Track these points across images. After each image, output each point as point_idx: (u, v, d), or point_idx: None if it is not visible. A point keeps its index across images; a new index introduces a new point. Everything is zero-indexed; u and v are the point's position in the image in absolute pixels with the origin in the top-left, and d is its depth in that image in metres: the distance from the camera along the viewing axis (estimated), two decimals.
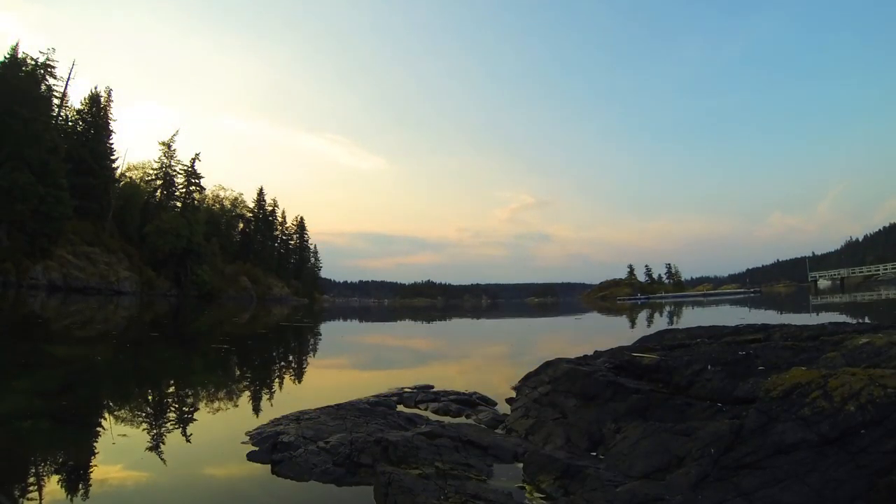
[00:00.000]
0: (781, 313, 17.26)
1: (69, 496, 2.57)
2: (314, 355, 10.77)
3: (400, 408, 4.63)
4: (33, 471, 2.89)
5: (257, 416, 4.24)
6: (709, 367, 3.66)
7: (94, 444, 3.46)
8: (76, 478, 2.84)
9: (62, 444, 3.42)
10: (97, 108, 43.33)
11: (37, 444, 3.36)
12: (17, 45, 35.13)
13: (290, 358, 10.11)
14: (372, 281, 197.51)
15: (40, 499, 2.54)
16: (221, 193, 63.82)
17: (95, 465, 3.05)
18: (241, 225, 65.64)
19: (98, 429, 3.81)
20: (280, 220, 72.30)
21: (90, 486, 2.72)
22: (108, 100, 44.46)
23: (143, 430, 3.98)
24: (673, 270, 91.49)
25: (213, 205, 61.43)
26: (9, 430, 3.58)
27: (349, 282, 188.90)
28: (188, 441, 3.57)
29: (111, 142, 44.40)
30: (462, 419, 4.41)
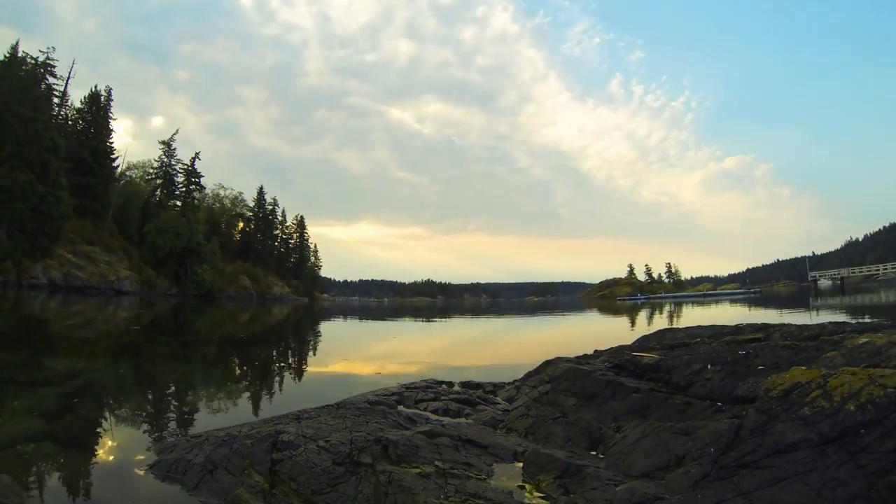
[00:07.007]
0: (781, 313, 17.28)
1: None
2: (314, 354, 10.78)
3: (400, 407, 4.62)
4: (39, 496, 2.82)
5: (257, 416, 4.24)
6: (709, 366, 3.66)
7: (97, 464, 3.36)
8: (82, 501, 2.79)
9: (66, 468, 3.27)
10: (97, 108, 43.27)
11: (41, 468, 3.21)
12: (16, 43, 35.16)
13: (290, 357, 10.13)
14: (372, 280, 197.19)
15: None
16: (221, 193, 63.86)
17: (100, 484, 3.00)
18: (241, 224, 65.63)
19: (101, 450, 3.66)
20: (280, 219, 72.34)
21: None
22: (108, 99, 44.42)
23: (144, 430, 3.98)
24: (673, 270, 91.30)
25: (213, 204, 61.44)
26: (11, 454, 3.36)
27: (349, 280, 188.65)
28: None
29: (111, 141, 44.40)
30: (462, 419, 4.41)
